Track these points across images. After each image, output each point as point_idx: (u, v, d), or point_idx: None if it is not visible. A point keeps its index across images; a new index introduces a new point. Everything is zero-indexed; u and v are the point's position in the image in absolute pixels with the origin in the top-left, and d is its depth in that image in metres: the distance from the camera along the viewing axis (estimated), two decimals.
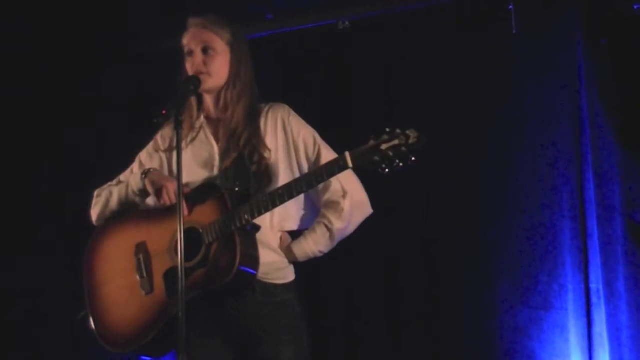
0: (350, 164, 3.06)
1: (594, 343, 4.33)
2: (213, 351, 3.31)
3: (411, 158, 2.96)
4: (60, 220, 5.25)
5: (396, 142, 2.96)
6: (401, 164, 2.97)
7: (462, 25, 4.69)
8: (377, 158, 2.99)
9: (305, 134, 3.40)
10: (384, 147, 2.98)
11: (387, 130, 2.99)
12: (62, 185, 5.31)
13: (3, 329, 5.21)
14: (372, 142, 3.01)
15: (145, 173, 3.37)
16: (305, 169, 3.35)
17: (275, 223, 3.35)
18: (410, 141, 2.95)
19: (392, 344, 4.80)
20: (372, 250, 4.83)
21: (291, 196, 3.14)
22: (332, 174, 3.12)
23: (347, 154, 3.06)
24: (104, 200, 3.49)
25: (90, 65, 5.34)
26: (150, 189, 3.34)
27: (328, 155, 3.33)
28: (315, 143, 3.39)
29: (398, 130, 2.97)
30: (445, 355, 4.69)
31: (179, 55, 3.45)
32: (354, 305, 4.93)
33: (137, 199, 3.42)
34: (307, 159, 3.38)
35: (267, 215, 3.21)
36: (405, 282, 4.81)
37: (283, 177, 3.31)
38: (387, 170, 2.98)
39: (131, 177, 3.45)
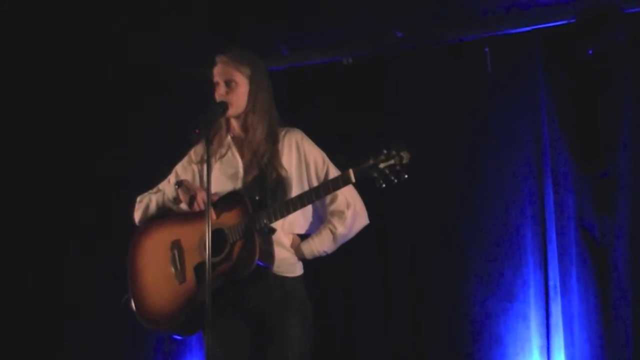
0: (352, 179, 3.06)
1: (551, 330, 4.34)
2: (233, 330, 3.28)
3: (404, 176, 2.97)
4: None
5: (392, 162, 2.97)
6: (395, 181, 2.98)
7: (447, 64, 4.70)
8: (375, 175, 3.00)
9: (315, 155, 3.39)
10: (381, 165, 2.98)
11: (385, 151, 3.00)
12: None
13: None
14: (371, 161, 3.01)
15: (179, 184, 3.35)
16: (314, 183, 3.32)
17: (286, 227, 3.33)
18: (404, 161, 2.96)
19: (384, 328, 4.79)
20: (368, 248, 4.79)
21: (302, 205, 3.16)
22: (337, 187, 3.13)
23: (350, 170, 3.06)
24: (144, 205, 3.46)
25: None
26: (182, 197, 3.33)
27: (335, 173, 3.31)
28: (324, 163, 3.38)
29: (394, 152, 2.98)
30: (428, 338, 4.66)
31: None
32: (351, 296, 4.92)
33: (172, 205, 3.39)
34: (317, 176, 3.35)
35: (280, 220, 3.20)
36: (394, 277, 4.78)
37: (294, 190, 3.31)
38: (383, 185, 2.99)
39: (167, 187, 3.43)
